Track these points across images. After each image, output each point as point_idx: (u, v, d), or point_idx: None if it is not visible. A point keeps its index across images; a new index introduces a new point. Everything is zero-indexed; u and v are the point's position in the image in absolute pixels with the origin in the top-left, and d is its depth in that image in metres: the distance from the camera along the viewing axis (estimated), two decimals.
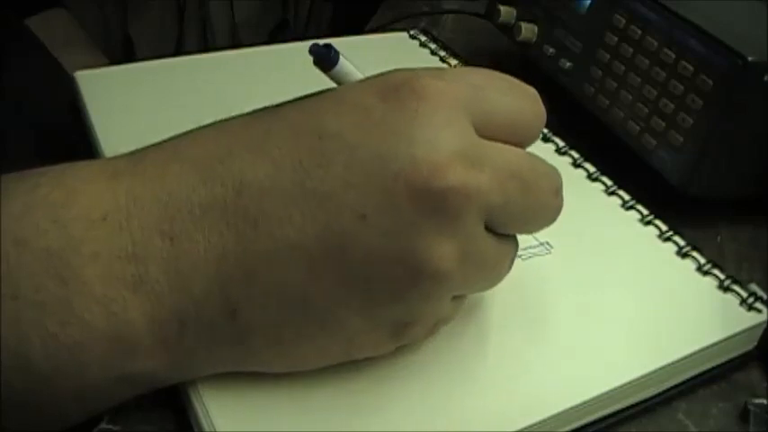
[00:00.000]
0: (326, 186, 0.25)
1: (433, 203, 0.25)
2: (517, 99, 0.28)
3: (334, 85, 0.30)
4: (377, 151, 0.25)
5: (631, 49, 0.43)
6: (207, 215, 0.25)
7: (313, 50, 0.29)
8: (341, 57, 0.29)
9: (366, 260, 0.25)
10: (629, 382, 0.30)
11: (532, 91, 0.29)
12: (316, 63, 0.29)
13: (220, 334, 0.26)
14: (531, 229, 0.29)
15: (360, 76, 0.29)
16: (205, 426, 0.27)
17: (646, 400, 0.32)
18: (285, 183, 0.25)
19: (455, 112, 0.26)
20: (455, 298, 0.28)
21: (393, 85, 0.26)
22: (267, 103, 0.28)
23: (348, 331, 0.27)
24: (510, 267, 0.29)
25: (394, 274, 0.25)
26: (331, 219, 0.25)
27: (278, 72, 0.46)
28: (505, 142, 0.27)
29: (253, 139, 0.26)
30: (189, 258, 0.25)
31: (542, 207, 0.28)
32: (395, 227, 0.25)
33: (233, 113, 0.28)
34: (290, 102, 0.28)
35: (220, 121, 0.28)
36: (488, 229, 0.27)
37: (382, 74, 0.27)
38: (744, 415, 0.32)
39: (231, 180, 0.25)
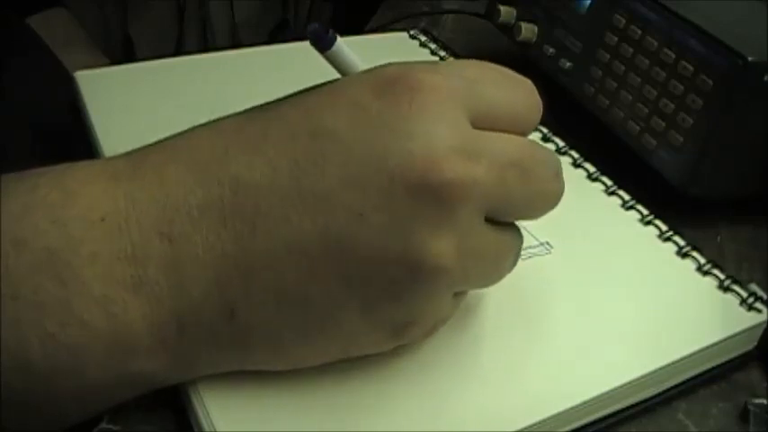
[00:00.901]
0: (323, 186, 0.25)
1: (431, 198, 0.24)
2: (512, 91, 0.28)
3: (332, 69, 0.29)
4: (373, 149, 0.25)
5: (631, 49, 0.43)
6: (205, 216, 0.25)
7: (310, 30, 0.29)
8: (338, 40, 0.29)
9: (365, 259, 0.25)
10: (629, 382, 0.30)
11: (527, 82, 0.29)
12: (312, 43, 0.29)
13: (219, 335, 0.26)
14: (533, 215, 0.29)
15: (357, 61, 0.29)
16: (205, 426, 0.27)
17: (646, 400, 0.32)
18: (282, 182, 0.25)
19: (451, 105, 0.26)
20: (455, 296, 0.28)
21: (388, 81, 0.26)
22: None
23: (347, 331, 0.27)
24: (514, 262, 0.29)
25: (393, 272, 0.25)
26: (328, 218, 0.25)
27: (278, 72, 0.46)
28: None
29: (249, 139, 0.26)
30: (188, 259, 0.25)
31: (543, 193, 0.28)
32: (393, 224, 0.25)
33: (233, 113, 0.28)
34: (285, 98, 0.28)
35: (216, 120, 0.28)
36: (490, 221, 0.27)
37: (377, 68, 0.27)
38: (744, 415, 0.32)
39: (228, 180, 0.25)
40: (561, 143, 0.43)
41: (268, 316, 0.26)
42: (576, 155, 0.43)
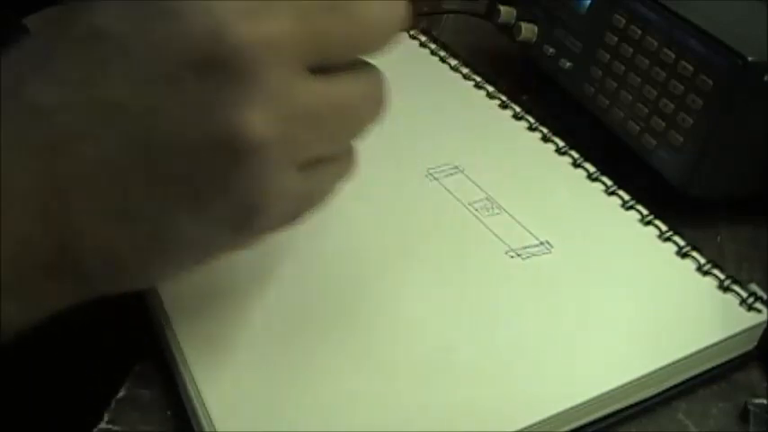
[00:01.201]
0: (112, 93, 0.23)
1: (223, 74, 0.22)
2: None
3: None
4: (152, 39, 0.22)
5: (631, 49, 0.43)
6: (13, 150, 0.23)
7: None
8: None
9: (174, 157, 0.23)
10: (629, 382, 0.30)
11: None
12: None
13: (59, 269, 0.24)
14: (375, 47, 0.25)
15: None
16: (205, 426, 0.27)
17: (646, 400, 0.32)
18: (72, 99, 0.23)
19: None
20: (305, 169, 0.25)
21: None
22: None
23: (188, 239, 0.25)
24: (377, 106, 0.26)
25: (207, 162, 0.23)
26: (126, 124, 0.23)
27: None
28: None
29: (38, 59, 0.24)
30: (7, 198, 0.23)
31: (374, 18, 0.24)
32: (191, 112, 0.22)
33: None
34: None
35: (23, 40, 0.26)
36: (322, 70, 0.24)
37: None
38: (744, 415, 0.32)
39: (25, 107, 0.24)
40: (561, 143, 0.43)
41: (97, 240, 0.24)
42: (575, 155, 0.43)
